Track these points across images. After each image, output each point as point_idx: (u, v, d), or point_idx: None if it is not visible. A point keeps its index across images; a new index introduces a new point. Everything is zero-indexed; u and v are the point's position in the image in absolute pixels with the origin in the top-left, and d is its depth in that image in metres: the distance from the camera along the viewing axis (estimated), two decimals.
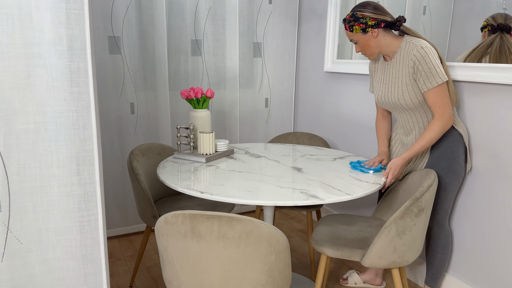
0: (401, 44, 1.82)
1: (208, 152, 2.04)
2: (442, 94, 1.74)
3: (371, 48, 1.85)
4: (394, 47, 1.84)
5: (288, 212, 3.36)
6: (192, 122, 2.11)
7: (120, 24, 2.58)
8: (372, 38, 1.82)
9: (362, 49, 1.87)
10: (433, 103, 1.76)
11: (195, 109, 2.11)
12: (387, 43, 1.84)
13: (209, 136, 2.01)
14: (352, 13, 1.82)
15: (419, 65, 1.73)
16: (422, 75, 1.74)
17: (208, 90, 2.13)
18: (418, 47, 1.74)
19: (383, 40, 1.83)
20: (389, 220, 1.58)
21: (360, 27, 1.79)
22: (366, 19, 1.78)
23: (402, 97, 1.84)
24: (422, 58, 1.72)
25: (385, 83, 1.91)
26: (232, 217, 1.24)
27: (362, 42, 1.84)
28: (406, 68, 1.79)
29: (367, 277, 2.29)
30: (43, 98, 1.04)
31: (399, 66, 1.83)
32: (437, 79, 1.72)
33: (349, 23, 1.82)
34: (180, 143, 2.11)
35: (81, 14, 1.04)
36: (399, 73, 1.84)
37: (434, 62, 1.72)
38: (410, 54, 1.76)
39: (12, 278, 1.10)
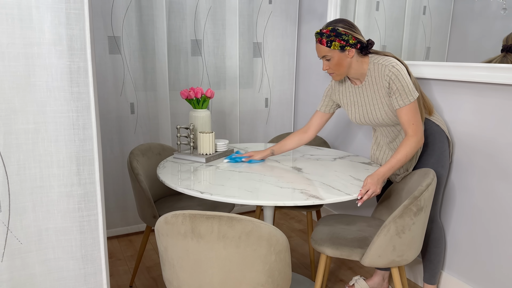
0: (369, 67, 1.79)
1: (208, 152, 2.04)
2: (415, 110, 1.73)
3: (343, 67, 1.78)
4: (363, 69, 1.80)
5: (288, 212, 3.36)
6: (192, 122, 2.11)
7: (120, 24, 2.58)
8: (347, 58, 1.76)
9: (333, 68, 1.78)
10: (406, 120, 1.73)
11: (195, 109, 2.11)
12: (357, 65, 1.79)
13: (209, 136, 2.01)
14: (332, 28, 1.72)
15: (392, 83, 1.72)
16: (396, 93, 1.73)
17: (208, 90, 2.13)
18: (389, 66, 1.73)
19: (354, 62, 1.78)
20: (388, 219, 1.58)
21: (340, 44, 1.71)
22: (348, 37, 1.71)
23: (386, 116, 1.83)
24: (395, 76, 1.71)
25: (360, 105, 1.89)
26: (232, 217, 1.24)
27: (336, 60, 1.75)
28: (382, 89, 1.78)
29: (374, 282, 2.24)
30: (43, 98, 1.04)
31: (373, 88, 1.81)
32: (409, 96, 1.72)
33: (328, 38, 1.72)
34: (180, 143, 2.11)
35: (81, 14, 1.04)
36: (375, 95, 1.82)
37: (406, 80, 1.72)
38: (383, 75, 1.74)
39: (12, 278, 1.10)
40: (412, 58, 2.24)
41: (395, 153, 1.73)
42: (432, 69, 2.07)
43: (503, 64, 1.76)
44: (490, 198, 1.92)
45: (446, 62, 2.00)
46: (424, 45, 2.17)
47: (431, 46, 2.12)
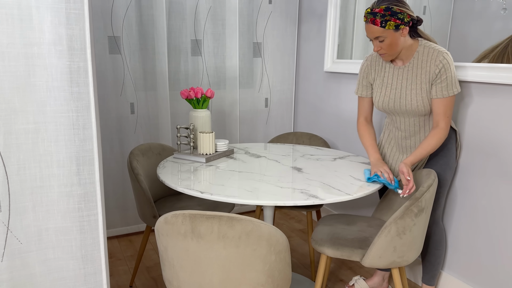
0: (419, 48, 1.72)
1: (208, 152, 2.04)
2: (452, 104, 1.73)
3: (397, 47, 1.69)
4: (412, 50, 1.74)
5: (288, 212, 3.36)
6: (192, 122, 2.11)
7: (120, 24, 2.58)
8: (400, 37, 1.67)
9: (387, 48, 1.69)
10: (443, 111, 1.71)
11: (195, 109, 2.11)
12: (408, 44, 1.72)
13: (209, 136, 2.01)
14: (386, 6, 1.62)
15: (444, 72, 1.67)
16: (443, 82, 1.68)
17: (208, 90, 2.13)
18: (444, 53, 1.68)
19: (407, 41, 1.71)
20: (389, 220, 1.58)
21: (396, 23, 1.62)
22: (403, 15, 1.62)
23: (422, 103, 1.75)
24: (449, 65, 1.67)
25: (395, 88, 1.79)
26: (232, 217, 1.24)
27: (390, 40, 1.66)
28: (427, 74, 1.71)
29: (374, 282, 2.23)
30: (43, 98, 1.04)
31: (418, 72, 1.73)
32: (455, 89, 1.70)
33: (382, 18, 1.62)
34: (180, 143, 2.11)
35: (81, 14, 1.04)
36: (417, 79, 1.73)
37: (454, 72, 1.70)
38: (436, 60, 1.68)
39: (12, 278, 1.10)
40: None
41: (425, 145, 1.72)
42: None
43: (501, 64, 1.76)
44: (490, 198, 1.92)
45: None
46: None
47: None
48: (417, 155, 1.74)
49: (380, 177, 1.72)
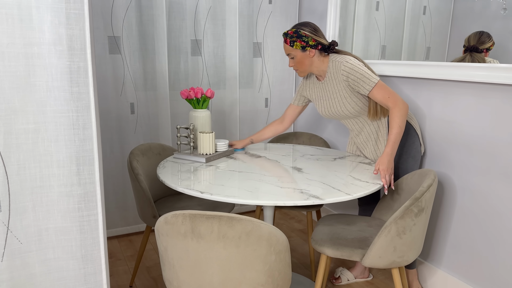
0: (329, 64, 2.00)
1: (208, 152, 2.04)
2: (383, 87, 1.89)
3: (305, 65, 1.99)
4: (324, 67, 2.01)
5: (288, 212, 3.36)
6: (192, 122, 2.11)
7: (120, 24, 2.58)
8: (308, 57, 1.96)
9: (296, 65, 2.00)
10: (381, 98, 1.89)
11: (195, 109, 2.11)
12: (319, 64, 2.00)
13: (209, 136, 2.01)
14: (295, 30, 1.93)
15: (350, 75, 1.91)
16: (358, 82, 1.90)
17: (208, 90, 2.13)
18: (344, 62, 1.92)
19: (316, 61, 1.99)
20: (389, 220, 1.58)
21: (301, 44, 1.93)
22: (308, 38, 1.92)
23: (345, 108, 2.01)
24: (351, 69, 1.90)
25: (325, 99, 2.08)
26: (232, 217, 1.24)
27: (298, 58, 1.97)
28: (340, 83, 1.97)
29: (357, 272, 2.34)
30: (43, 98, 1.04)
31: (333, 83, 2.00)
32: (372, 80, 1.89)
33: (290, 38, 1.94)
34: (180, 143, 2.11)
35: (81, 14, 1.04)
36: (334, 89, 2.01)
37: (362, 69, 1.90)
38: (340, 71, 1.94)
39: (12, 278, 1.10)
40: (412, 58, 2.24)
41: (390, 129, 1.86)
42: (432, 69, 2.06)
43: (501, 64, 1.76)
44: (490, 198, 1.92)
45: (446, 62, 2.00)
46: (424, 45, 2.17)
47: (431, 46, 2.12)
48: (392, 141, 1.85)
49: None
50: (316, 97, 2.14)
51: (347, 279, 2.30)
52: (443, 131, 2.10)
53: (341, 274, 2.32)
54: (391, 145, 1.84)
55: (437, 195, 2.18)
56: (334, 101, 2.03)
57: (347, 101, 1.99)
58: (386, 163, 1.80)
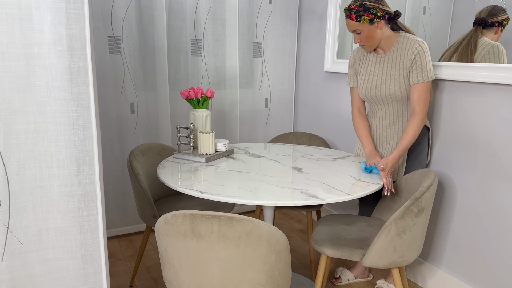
0: (399, 39, 1.90)
1: (208, 152, 2.04)
2: (427, 90, 1.85)
3: (374, 39, 1.88)
4: (392, 40, 1.91)
5: (288, 212, 3.36)
6: (192, 122, 2.11)
7: (120, 24, 2.58)
8: (376, 29, 1.86)
9: (365, 40, 1.89)
10: (417, 97, 1.85)
11: (195, 109, 2.11)
12: (387, 36, 1.90)
13: (209, 136, 2.01)
14: (360, 3, 1.82)
15: (418, 58, 1.83)
16: (418, 68, 1.83)
17: (208, 90, 2.13)
18: (420, 41, 1.84)
19: (385, 32, 1.89)
20: (389, 220, 1.58)
21: (369, 17, 1.82)
22: (376, 10, 1.82)
23: (398, 88, 1.90)
24: (423, 52, 1.82)
25: (377, 75, 1.95)
26: (232, 217, 1.24)
27: (366, 32, 1.86)
28: (405, 61, 1.87)
29: (357, 272, 2.33)
30: (43, 98, 1.04)
31: (397, 59, 1.89)
32: (429, 75, 1.84)
33: (357, 13, 1.83)
34: (180, 143, 2.11)
35: (81, 14, 1.04)
36: (396, 66, 1.90)
37: (429, 59, 1.85)
38: (412, 48, 1.84)
39: (12, 278, 1.10)
40: None
41: (404, 135, 1.85)
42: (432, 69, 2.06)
43: (501, 64, 1.76)
44: (490, 198, 1.92)
45: (446, 62, 2.00)
46: None
47: (431, 46, 2.12)
48: (401, 147, 1.85)
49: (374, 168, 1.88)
50: (366, 72, 2.01)
51: (347, 279, 2.30)
52: (443, 131, 2.10)
53: (341, 274, 2.32)
54: (401, 150, 1.85)
55: (437, 195, 2.18)
56: (388, 78, 1.92)
57: (402, 81, 1.89)
58: (390, 165, 1.82)
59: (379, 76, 1.95)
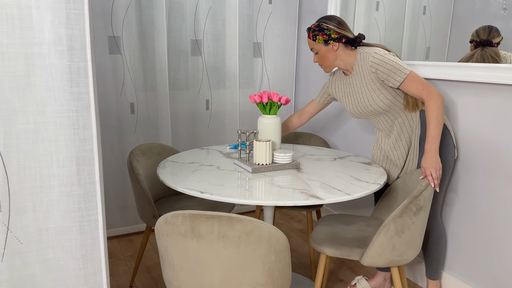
0: (357, 57, 1.91)
1: (263, 162, 1.85)
2: (416, 78, 1.80)
3: (329, 60, 1.93)
4: (352, 60, 1.93)
5: (288, 212, 3.36)
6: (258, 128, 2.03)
7: (120, 24, 2.58)
8: (331, 51, 1.91)
9: (320, 60, 1.95)
10: (414, 90, 1.80)
11: (263, 115, 2.02)
12: (345, 58, 1.93)
13: (264, 145, 1.83)
14: (318, 23, 1.90)
15: (379, 67, 1.81)
16: (388, 74, 1.81)
17: (282, 97, 2.01)
18: (372, 53, 1.83)
19: (342, 54, 1.92)
20: (388, 219, 1.58)
21: (323, 38, 1.88)
22: (330, 31, 1.87)
23: (373, 102, 1.90)
24: (379, 60, 1.81)
25: (353, 95, 1.98)
26: (232, 217, 1.24)
27: (321, 53, 1.92)
28: (368, 75, 1.87)
29: (376, 283, 2.22)
30: (43, 98, 1.04)
31: (360, 76, 1.91)
32: (403, 71, 1.80)
33: (313, 32, 1.90)
34: (240, 149, 1.98)
35: (81, 14, 1.04)
36: (362, 82, 1.91)
37: (392, 60, 1.81)
38: (368, 62, 1.85)
39: (12, 278, 1.10)
40: (412, 58, 2.24)
41: (428, 124, 1.78)
42: (432, 69, 2.07)
43: (501, 64, 1.76)
44: (490, 198, 1.92)
45: (446, 62, 2.00)
46: (424, 45, 2.17)
47: (431, 46, 2.12)
48: (431, 136, 1.77)
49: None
50: (343, 94, 2.04)
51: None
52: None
53: (357, 282, 2.21)
54: (431, 140, 1.76)
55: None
56: (362, 95, 1.92)
57: (375, 94, 1.88)
58: (429, 159, 1.75)
59: (355, 96, 1.97)
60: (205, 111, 2.99)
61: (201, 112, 2.98)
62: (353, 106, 1.99)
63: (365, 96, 1.92)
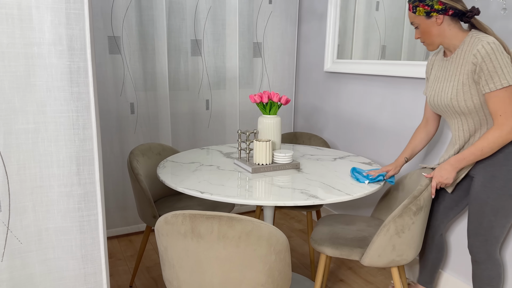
0: (466, 39, 1.57)
1: (263, 163, 1.86)
2: (507, 99, 1.48)
3: (432, 36, 1.61)
4: (458, 41, 1.59)
5: (288, 212, 3.36)
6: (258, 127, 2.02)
7: (120, 24, 2.58)
8: (435, 25, 1.58)
9: (422, 36, 1.64)
10: (494, 109, 1.50)
11: (263, 115, 2.02)
12: (451, 35, 1.59)
13: (264, 145, 1.83)
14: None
15: (482, 62, 1.48)
16: (485, 73, 1.49)
17: (282, 97, 2.01)
18: (484, 42, 1.48)
19: (447, 30, 1.58)
20: (388, 219, 1.58)
21: (425, 9, 1.57)
22: (432, 2, 1.55)
23: (455, 97, 1.59)
24: (487, 54, 1.47)
25: (440, 81, 1.67)
26: (232, 217, 1.24)
27: (423, 27, 1.61)
28: (467, 65, 1.55)
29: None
30: (43, 98, 1.04)
31: (459, 62, 1.58)
32: (503, 80, 1.46)
33: (413, 3, 1.60)
34: (240, 149, 1.99)
35: (81, 14, 1.04)
36: (457, 70, 1.59)
37: (501, 61, 1.47)
38: (474, 49, 1.51)
39: (12, 278, 1.10)
40: (412, 58, 2.24)
41: (472, 145, 1.56)
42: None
43: None
44: None
45: None
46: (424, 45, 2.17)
47: None
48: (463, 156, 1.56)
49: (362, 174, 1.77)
50: (434, 78, 1.73)
51: None
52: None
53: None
54: (459, 159, 1.57)
55: None
56: (448, 84, 1.62)
57: (462, 90, 1.57)
58: (443, 171, 1.60)
59: (441, 82, 1.66)
60: (205, 111, 2.99)
61: (201, 112, 2.98)
62: (435, 93, 1.69)
63: (451, 87, 1.60)
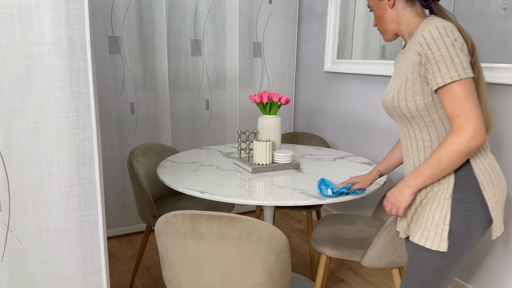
0: (420, 25, 1.24)
1: (263, 163, 1.85)
2: (463, 95, 1.11)
3: (384, 22, 1.33)
4: (412, 28, 1.29)
5: (288, 212, 3.36)
6: (258, 127, 2.02)
7: (120, 24, 2.58)
8: (387, 8, 1.31)
9: (376, 22, 1.37)
10: (449, 110, 1.14)
11: (263, 115, 2.02)
12: (406, 20, 1.29)
13: (264, 145, 1.83)
14: None
15: (428, 50, 1.15)
16: (432, 64, 1.15)
17: (282, 97, 2.00)
18: (432, 26, 1.15)
19: (401, 15, 1.29)
20: (389, 220, 1.58)
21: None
22: None
23: (396, 96, 1.25)
24: (433, 41, 1.14)
25: (393, 78, 1.36)
26: (232, 217, 1.24)
27: (375, 11, 1.36)
28: (412, 56, 1.22)
29: None
30: (43, 98, 1.04)
31: (409, 54, 1.26)
32: (452, 72, 1.12)
33: None
34: (240, 149, 1.98)
35: (81, 14, 1.04)
36: (406, 63, 1.26)
37: (451, 48, 1.12)
38: (419, 36, 1.19)
39: (12, 278, 1.10)
40: None
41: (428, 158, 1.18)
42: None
43: (502, 64, 1.76)
44: None
45: None
46: None
47: None
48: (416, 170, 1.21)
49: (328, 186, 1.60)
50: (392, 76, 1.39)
51: None
52: None
53: None
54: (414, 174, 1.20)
55: None
56: (395, 80, 1.30)
57: (404, 87, 1.23)
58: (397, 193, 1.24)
59: (392, 79, 1.36)
60: (205, 111, 2.99)
61: (201, 112, 2.98)
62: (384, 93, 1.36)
63: (394, 84, 1.29)
